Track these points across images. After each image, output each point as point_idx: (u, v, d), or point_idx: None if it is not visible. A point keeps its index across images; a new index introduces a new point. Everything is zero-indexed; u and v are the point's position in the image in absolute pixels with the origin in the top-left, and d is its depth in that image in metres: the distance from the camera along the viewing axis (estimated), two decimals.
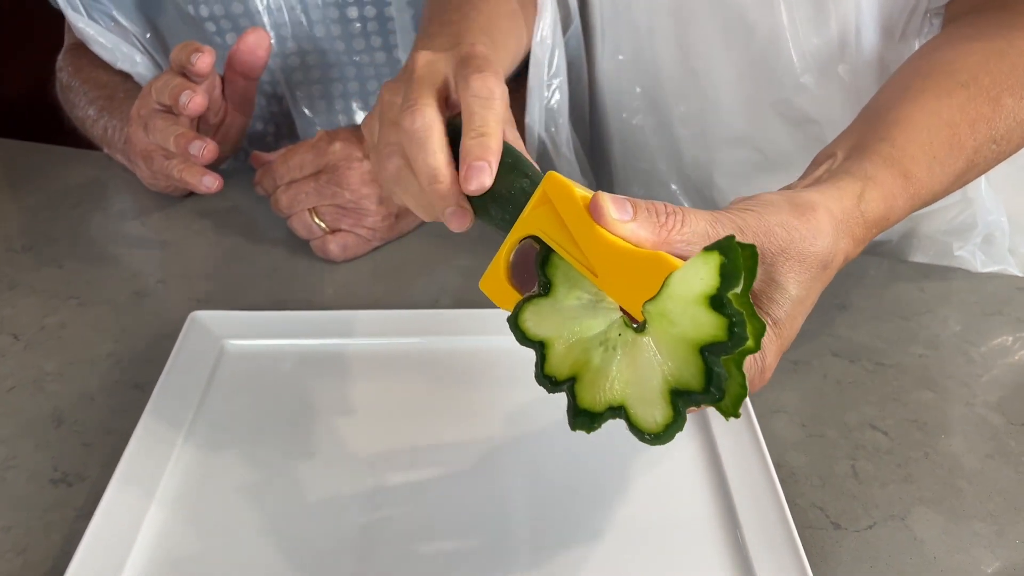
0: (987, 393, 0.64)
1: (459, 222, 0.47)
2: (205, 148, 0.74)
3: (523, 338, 0.43)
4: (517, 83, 0.81)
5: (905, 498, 0.55)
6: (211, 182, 0.75)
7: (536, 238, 0.43)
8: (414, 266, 0.77)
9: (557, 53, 0.80)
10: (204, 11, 0.88)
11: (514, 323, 0.43)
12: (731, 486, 0.53)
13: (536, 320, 0.42)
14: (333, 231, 0.76)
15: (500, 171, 0.46)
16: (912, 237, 0.83)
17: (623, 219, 0.40)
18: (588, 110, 0.91)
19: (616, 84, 0.86)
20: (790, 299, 0.44)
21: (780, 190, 0.49)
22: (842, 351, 0.67)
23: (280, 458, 0.56)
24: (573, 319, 0.42)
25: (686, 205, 0.88)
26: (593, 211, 0.40)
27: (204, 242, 0.81)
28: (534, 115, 0.83)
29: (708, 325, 0.39)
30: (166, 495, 0.53)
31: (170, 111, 0.76)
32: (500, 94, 0.47)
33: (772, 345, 0.44)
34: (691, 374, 0.39)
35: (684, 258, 0.41)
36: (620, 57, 0.85)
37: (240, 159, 0.97)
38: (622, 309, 0.42)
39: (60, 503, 0.54)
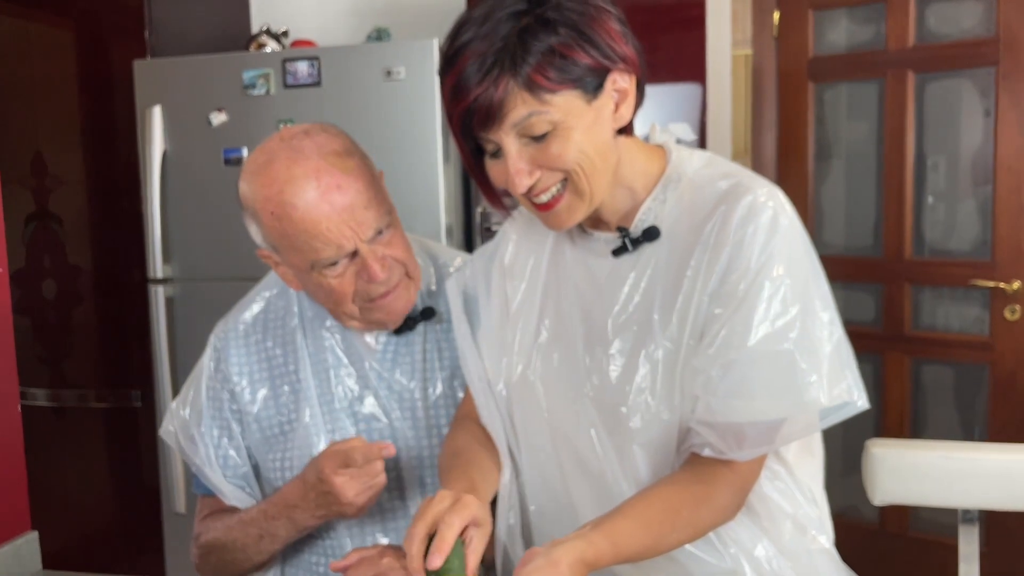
0: None
1: None
2: None
3: None
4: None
5: None
6: None
7: None
8: None
9: (513, 490, 1.21)
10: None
11: None
12: None
13: None
14: None
15: None
16: None
17: None
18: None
19: (538, 514, 1.23)
20: None
21: (547, 545, 0.93)
22: None
23: None
24: None
25: None
26: None
27: None
28: (500, 530, 1.20)
29: None
30: None
31: None
32: (459, 524, 0.96)
33: None
34: None
35: None
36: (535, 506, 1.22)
37: None
38: None
39: None
